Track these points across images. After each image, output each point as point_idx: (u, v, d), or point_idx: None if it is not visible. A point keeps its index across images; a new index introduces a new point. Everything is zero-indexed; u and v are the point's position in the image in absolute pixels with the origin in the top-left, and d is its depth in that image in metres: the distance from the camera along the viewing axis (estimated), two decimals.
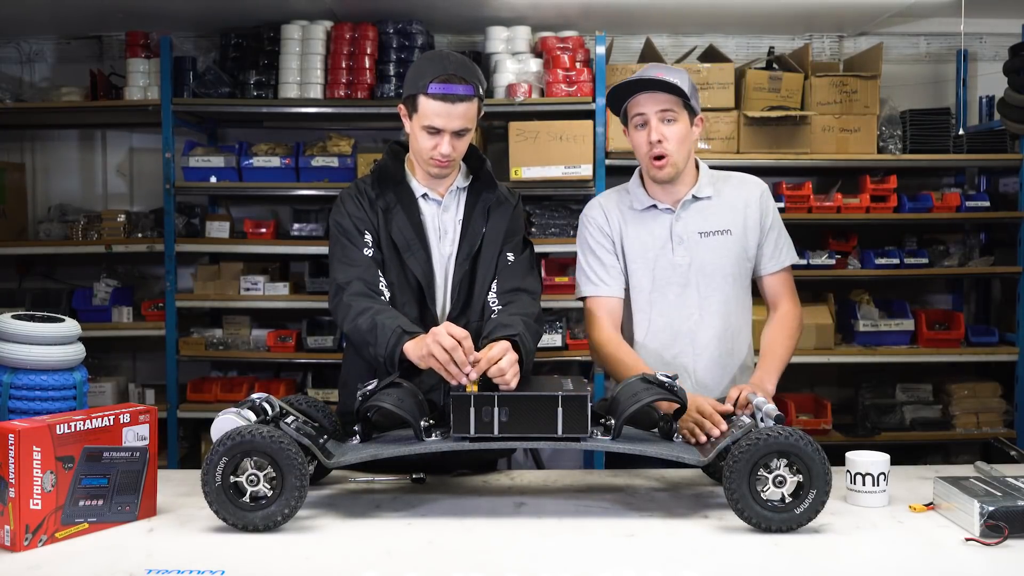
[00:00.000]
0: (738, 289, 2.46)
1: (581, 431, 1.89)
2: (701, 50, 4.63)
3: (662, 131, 2.34)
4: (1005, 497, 1.79)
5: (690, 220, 2.44)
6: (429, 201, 2.35)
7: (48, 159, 5.02)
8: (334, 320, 2.26)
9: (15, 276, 4.87)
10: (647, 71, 2.36)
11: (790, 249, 2.52)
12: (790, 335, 2.45)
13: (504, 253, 2.35)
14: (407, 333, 2.06)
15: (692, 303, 2.42)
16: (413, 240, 2.29)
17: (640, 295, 2.45)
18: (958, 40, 4.72)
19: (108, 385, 4.55)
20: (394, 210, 2.30)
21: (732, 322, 2.45)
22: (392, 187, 2.33)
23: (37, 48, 4.93)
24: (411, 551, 1.73)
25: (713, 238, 2.42)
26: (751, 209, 2.46)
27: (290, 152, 4.52)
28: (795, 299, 2.52)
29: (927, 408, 4.64)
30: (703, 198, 2.45)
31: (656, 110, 2.34)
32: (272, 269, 4.66)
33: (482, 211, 2.35)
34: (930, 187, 4.79)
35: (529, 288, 2.33)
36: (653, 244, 2.44)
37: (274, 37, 4.43)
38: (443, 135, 2.22)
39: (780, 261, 2.49)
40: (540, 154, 4.28)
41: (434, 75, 2.19)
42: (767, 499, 1.80)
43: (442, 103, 2.19)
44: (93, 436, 1.81)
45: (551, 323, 4.46)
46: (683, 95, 2.33)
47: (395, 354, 2.05)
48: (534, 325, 2.21)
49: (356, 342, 2.18)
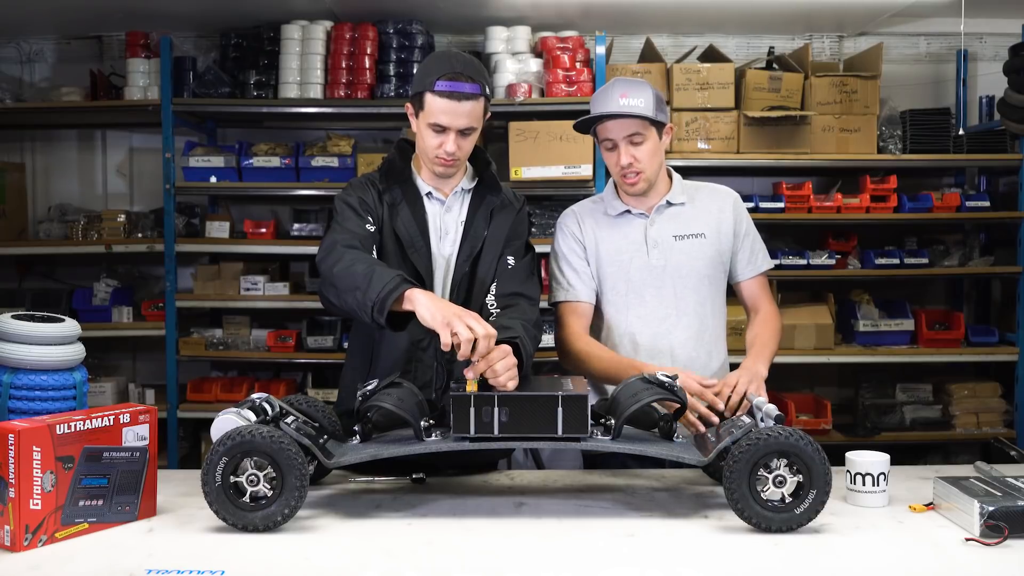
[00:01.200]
0: (713, 291, 2.50)
1: (581, 431, 1.89)
2: (701, 50, 4.63)
3: (631, 153, 2.39)
4: (1005, 497, 1.79)
5: (664, 224, 2.48)
6: (433, 200, 2.35)
7: (48, 159, 5.02)
8: (320, 270, 2.15)
9: (15, 276, 4.87)
10: (610, 90, 2.38)
11: (765, 255, 2.57)
12: (774, 331, 2.49)
13: (505, 256, 2.35)
14: (408, 282, 2.02)
15: (668, 304, 2.45)
16: (417, 237, 2.29)
17: (616, 297, 2.48)
18: (958, 40, 4.72)
19: (108, 385, 4.55)
20: (399, 206, 2.31)
21: (708, 323, 2.48)
22: (399, 183, 2.33)
23: (37, 48, 4.93)
24: (411, 551, 1.73)
25: (687, 241, 2.47)
26: (724, 215, 2.51)
27: (290, 152, 4.52)
28: (773, 302, 2.57)
29: (927, 408, 4.64)
30: (676, 204, 2.50)
31: (623, 135, 2.39)
32: (272, 269, 4.66)
33: (485, 214, 2.35)
34: (930, 187, 4.78)
35: (528, 294, 2.33)
36: (628, 247, 2.48)
37: (274, 37, 4.43)
38: (449, 133, 2.22)
39: (756, 267, 2.54)
40: (540, 154, 4.28)
41: (441, 73, 2.19)
42: (767, 499, 1.80)
43: (448, 101, 2.19)
44: (93, 436, 1.81)
45: (550, 323, 4.45)
46: (647, 118, 2.35)
47: (388, 299, 1.98)
48: (532, 330, 2.21)
49: (343, 287, 2.07)
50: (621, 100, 2.36)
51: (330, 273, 2.12)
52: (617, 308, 2.48)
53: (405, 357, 2.27)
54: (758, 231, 2.58)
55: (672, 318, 2.44)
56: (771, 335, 2.46)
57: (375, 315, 2.00)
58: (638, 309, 2.46)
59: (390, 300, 1.98)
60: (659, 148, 2.43)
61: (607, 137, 2.41)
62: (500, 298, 2.30)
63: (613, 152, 2.42)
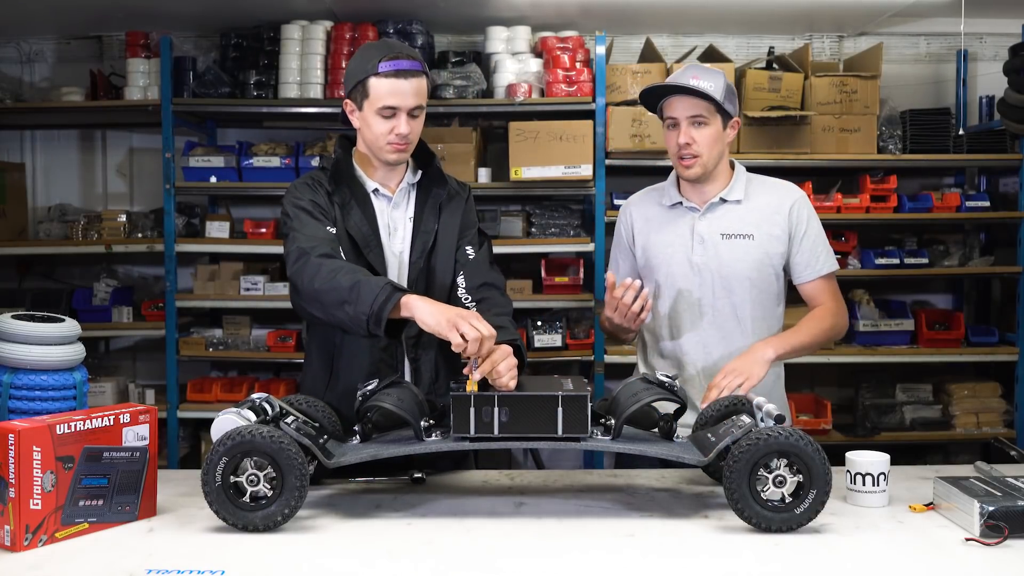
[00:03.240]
0: (757, 294, 2.45)
1: (581, 431, 1.89)
2: (701, 50, 4.62)
3: (691, 134, 2.38)
4: (1005, 497, 1.79)
5: (714, 221, 2.47)
6: (380, 197, 2.33)
7: (48, 159, 5.02)
8: (295, 284, 2.11)
9: (15, 276, 4.87)
10: (683, 73, 2.40)
11: (829, 257, 2.51)
12: (818, 322, 2.45)
13: (463, 248, 2.34)
14: (398, 290, 2.00)
15: (705, 303, 2.44)
16: (370, 236, 2.26)
17: (656, 289, 2.49)
18: (958, 40, 4.72)
19: (108, 385, 4.55)
20: (349, 205, 2.28)
21: (748, 327, 2.44)
22: (346, 182, 2.31)
23: (37, 48, 4.93)
24: (411, 551, 1.73)
25: (734, 241, 2.44)
26: (779, 216, 2.47)
27: (290, 152, 4.52)
28: (837, 301, 2.51)
29: (927, 408, 4.64)
30: (731, 201, 2.47)
31: (686, 115, 2.38)
32: (272, 269, 4.65)
33: (433, 207, 2.34)
34: (930, 187, 4.79)
35: (496, 283, 2.34)
36: (674, 241, 2.48)
37: (274, 37, 4.43)
38: (399, 115, 2.21)
39: (816, 270, 2.49)
40: (540, 154, 4.28)
41: (381, 56, 2.19)
42: (767, 499, 1.80)
43: (396, 80, 2.18)
44: (93, 436, 1.81)
45: (551, 323, 4.46)
46: (715, 101, 2.35)
47: (384, 311, 1.96)
48: (515, 324, 2.25)
49: (328, 301, 2.03)
50: (692, 81, 2.36)
51: (311, 288, 2.06)
52: (657, 297, 2.49)
53: (370, 359, 2.25)
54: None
55: (707, 317, 2.44)
56: (813, 325, 2.43)
57: (372, 328, 1.98)
58: (673, 303, 2.46)
59: (386, 311, 1.96)
60: (721, 137, 2.41)
61: (671, 115, 2.41)
62: (471, 291, 2.30)
63: (674, 131, 2.41)
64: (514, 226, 4.50)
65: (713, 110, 2.37)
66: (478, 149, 4.51)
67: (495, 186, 4.41)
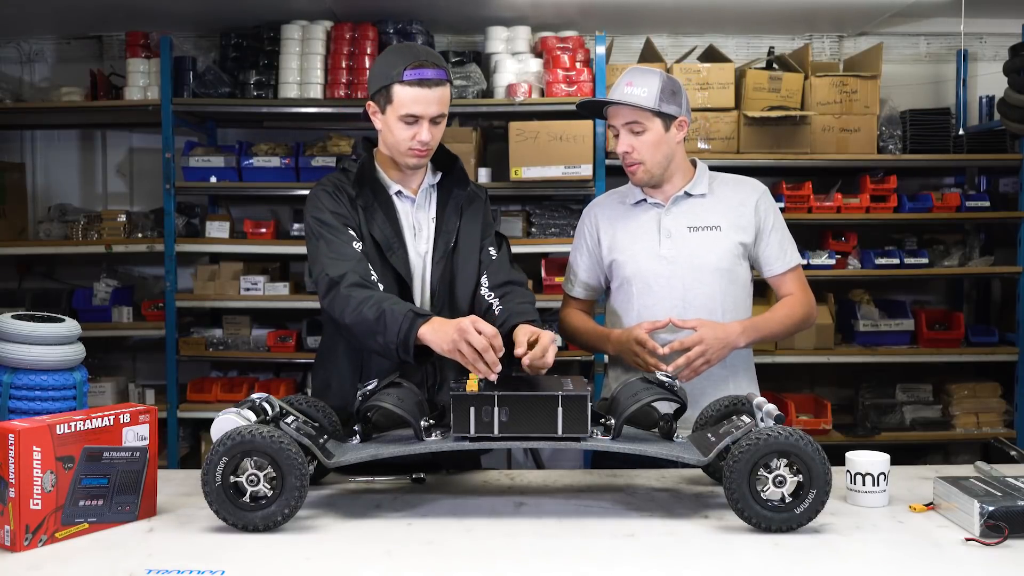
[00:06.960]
0: (728, 286, 2.46)
1: (581, 431, 1.89)
2: (701, 50, 4.63)
3: (629, 142, 2.41)
4: (1005, 497, 1.79)
5: (680, 215, 2.48)
6: (403, 199, 2.35)
7: (48, 159, 5.02)
8: (330, 315, 2.19)
9: (15, 276, 4.87)
10: (619, 81, 2.42)
11: (795, 249, 2.54)
12: (790, 310, 2.48)
13: (485, 249, 2.37)
14: (420, 316, 2.05)
15: (676, 295, 2.44)
16: (393, 238, 2.28)
17: (626, 286, 2.49)
18: (958, 40, 4.72)
19: (108, 385, 4.55)
20: (372, 208, 2.29)
21: (719, 318, 2.44)
22: (369, 185, 2.33)
23: (37, 48, 4.93)
24: (411, 551, 1.73)
25: (701, 233, 2.46)
26: (745, 209, 2.48)
27: (290, 152, 4.52)
28: (806, 292, 2.54)
29: (927, 408, 4.64)
30: (696, 195, 2.49)
31: (623, 123, 2.41)
32: (272, 269, 4.66)
33: (455, 208, 2.36)
34: (930, 187, 4.79)
35: (520, 280, 2.37)
36: (641, 236, 2.48)
37: (274, 37, 4.43)
38: (422, 123, 2.23)
39: (786, 262, 2.51)
40: (540, 154, 4.28)
41: (407, 63, 2.20)
42: (767, 499, 1.80)
43: (419, 89, 2.19)
44: (93, 436, 1.81)
45: (551, 323, 4.45)
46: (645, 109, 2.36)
47: (409, 339, 2.03)
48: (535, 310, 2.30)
49: (360, 333, 2.13)
50: (626, 88, 2.38)
51: (343, 322, 2.15)
52: (627, 296, 2.49)
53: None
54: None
55: (678, 310, 2.43)
56: (785, 313, 2.47)
57: (401, 355, 2.07)
58: (645, 299, 2.46)
59: (411, 339, 2.04)
60: (664, 140, 2.41)
61: (611, 123, 2.45)
62: (495, 288, 2.32)
63: (617, 138, 2.44)
64: (514, 226, 4.50)
65: (650, 115, 2.38)
66: (478, 149, 4.51)
67: (495, 186, 4.41)
